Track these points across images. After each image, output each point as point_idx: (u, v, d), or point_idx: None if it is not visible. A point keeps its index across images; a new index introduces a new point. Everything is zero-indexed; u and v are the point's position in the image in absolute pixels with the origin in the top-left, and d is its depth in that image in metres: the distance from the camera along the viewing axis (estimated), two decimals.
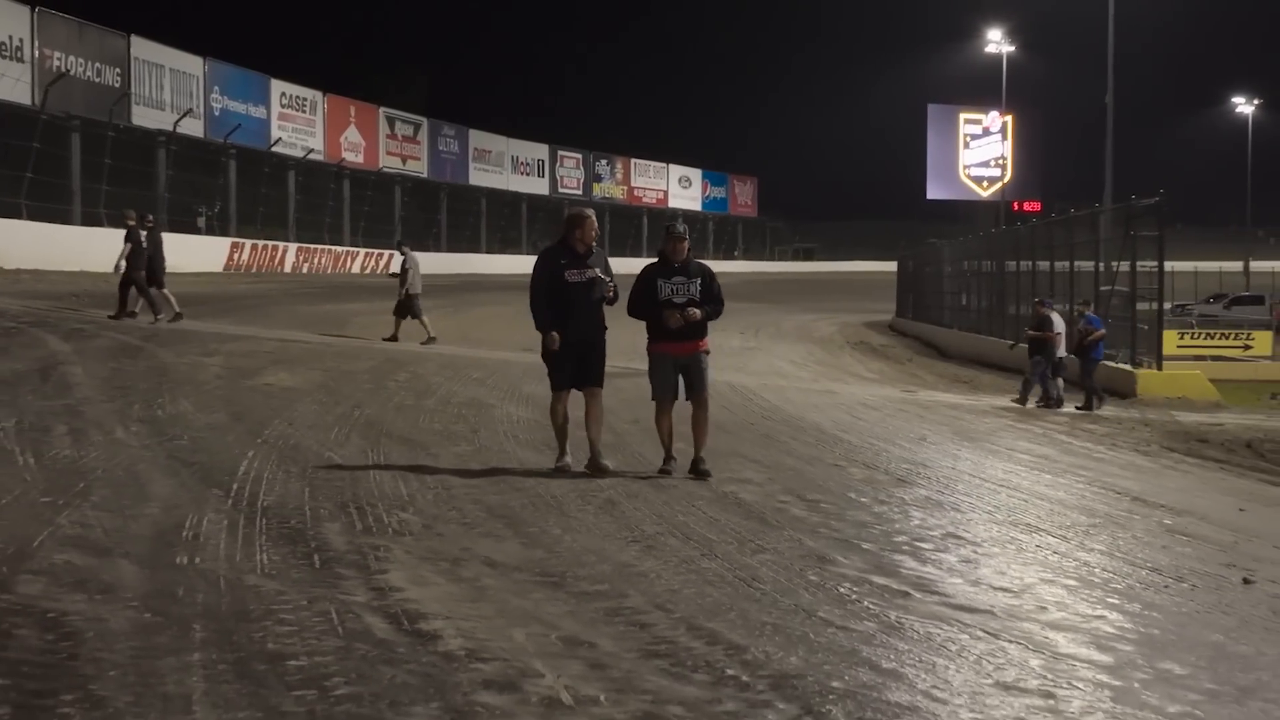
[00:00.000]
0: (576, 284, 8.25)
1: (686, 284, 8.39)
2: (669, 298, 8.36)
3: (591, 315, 8.34)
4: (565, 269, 8.27)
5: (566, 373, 8.38)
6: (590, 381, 8.39)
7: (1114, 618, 5.55)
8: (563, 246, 8.42)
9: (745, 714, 3.80)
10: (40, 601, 4.35)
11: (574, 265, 8.29)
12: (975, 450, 12.32)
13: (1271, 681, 4.74)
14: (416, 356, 17.11)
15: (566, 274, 8.25)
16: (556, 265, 8.31)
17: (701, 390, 8.52)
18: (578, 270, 8.27)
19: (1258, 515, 9.69)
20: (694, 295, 8.39)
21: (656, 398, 8.55)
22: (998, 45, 66.17)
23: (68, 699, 3.44)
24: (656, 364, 8.55)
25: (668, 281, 8.40)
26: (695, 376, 8.48)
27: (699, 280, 8.44)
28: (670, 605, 5.08)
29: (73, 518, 5.71)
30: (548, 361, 8.46)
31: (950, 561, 6.50)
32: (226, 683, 3.67)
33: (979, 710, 4.05)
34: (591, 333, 8.36)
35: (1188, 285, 60.12)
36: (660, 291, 8.38)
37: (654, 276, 8.45)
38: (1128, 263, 22.92)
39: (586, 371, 8.37)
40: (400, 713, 3.53)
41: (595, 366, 8.40)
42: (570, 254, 8.35)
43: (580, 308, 8.26)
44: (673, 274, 8.42)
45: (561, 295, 8.24)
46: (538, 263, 8.48)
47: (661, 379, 8.51)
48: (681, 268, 8.44)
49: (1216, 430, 16.55)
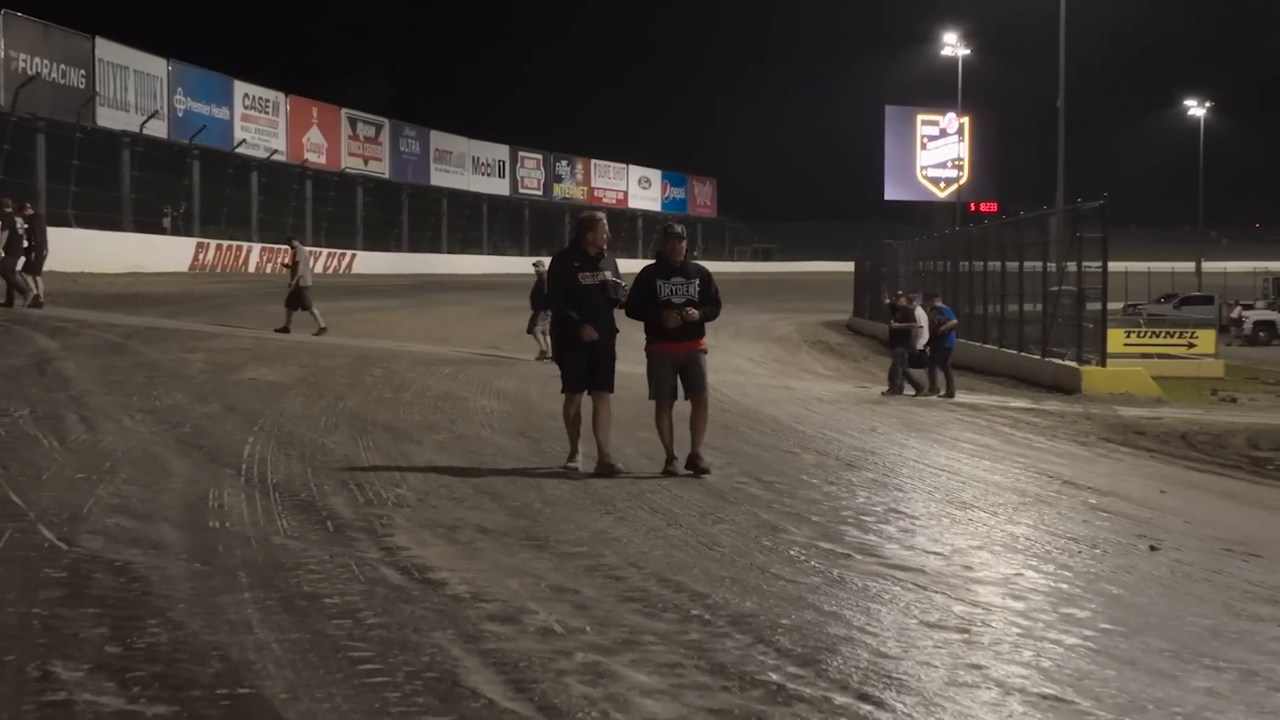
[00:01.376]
0: (589, 286, 8.32)
1: (685, 285, 8.50)
2: (668, 298, 8.45)
3: (603, 318, 8.39)
4: (578, 271, 8.34)
5: (579, 374, 8.41)
6: (599, 386, 8.42)
7: (1030, 575, 6.33)
8: (575, 250, 8.50)
9: (707, 642, 4.53)
10: (104, 554, 5.05)
11: (586, 268, 8.36)
12: (921, 439, 13.12)
13: (1159, 624, 5.51)
14: (388, 354, 17.74)
15: (579, 276, 8.32)
16: (570, 268, 8.40)
17: (701, 389, 8.62)
18: (590, 273, 8.33)
19: (1177, 496, 10.53)
20: (692, 296, 8.50)
21: (655, 398, 8.63)
22: (953, 49, 67.32)
23: (152, 623, 4.15)
24: (655, 364, 8.63)
25: (666, 282, 8.48)
26: (694, 376, 8.59)
27: (697, 281, 8.55)
28: (641, 563, 5.81)
29: (109, 490, 6.39)
30: (560, 362, 8.61)
31: (890, 531, 7.26)
32: (276, 614, 4.39)
33: (904, 641, 4.80)
34: (603, 335, 8.40)
35: (1141, 285, 61.46)
36: (659, 292, 8.46)
37: (653, 277, 8.54)
38: (1089, 262, 23.53)
39: (596, 375, 8.40)
40: (423, 637, 4.25)
41: (605, 370, 8.44)
42: (582, 257, 8.42)
43: (592, 310, 8.30)
44: (671, 275, 8.51)
45: (573, 298, 8.32)
46: (553, 266, 8.60)
47: (660, 379, 8.60)
48: (680, 269, 8.54)
49: (1154, 423, 17.44)
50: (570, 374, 8.44)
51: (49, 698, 3.44)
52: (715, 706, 3.80)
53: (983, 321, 27.76)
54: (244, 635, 4.08)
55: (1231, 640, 5.29)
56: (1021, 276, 25.97)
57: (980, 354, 26.35)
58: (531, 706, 3.66)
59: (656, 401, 8.62)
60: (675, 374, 8.58)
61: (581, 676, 3.98)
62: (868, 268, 46.21)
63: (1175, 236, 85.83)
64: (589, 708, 3.69)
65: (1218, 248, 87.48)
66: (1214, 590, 6.39)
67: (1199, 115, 75.60)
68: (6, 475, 6.56)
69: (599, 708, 3.69)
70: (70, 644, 3.88)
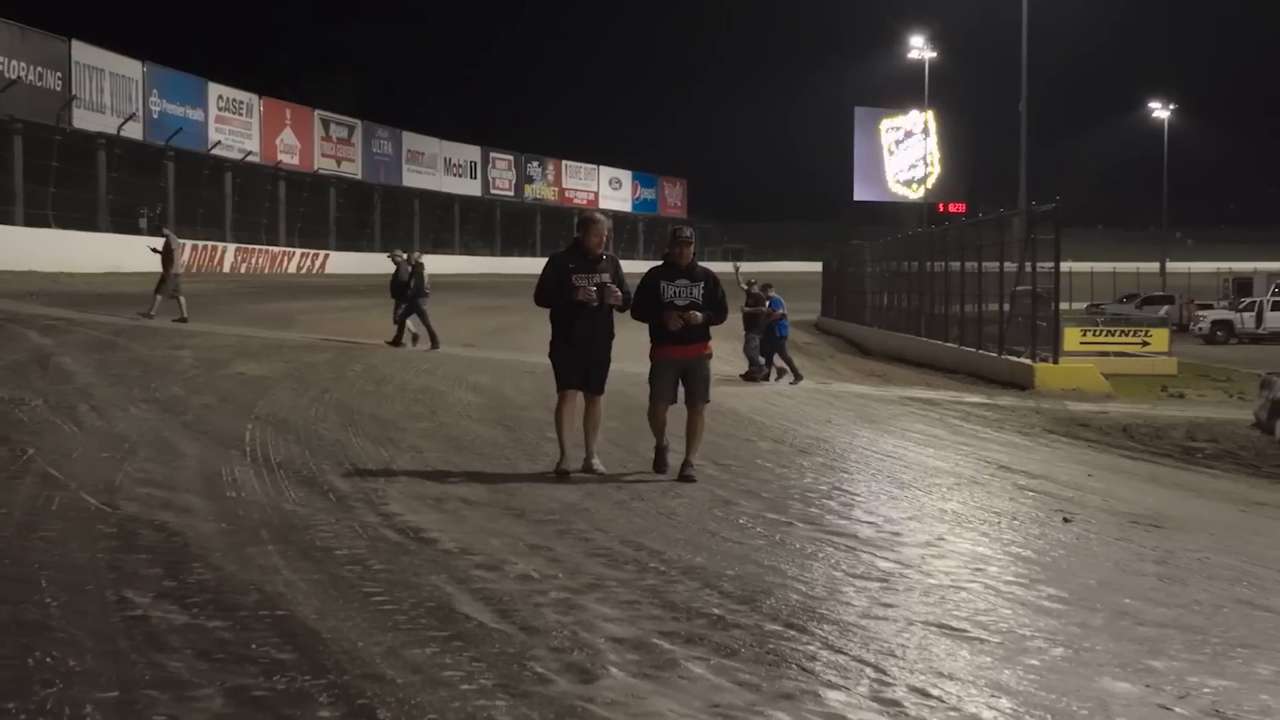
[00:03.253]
0: (580, 288, 8.25)
1: (690, 287, 8.44)
2: (671, 300, 8.39)
3: (599, 320, 8.33)
4: (574, 273, 8.28)
5: (574, 374, 8.37)
6: (591, 388, 8.41)
7: (951, 540, 7.17)
8: (573, 251, 8.43)
9: (661, 587, 5.34)
10: (143, 515, 5.84)
11: (582, 270, 8.29)
12: (873, 430, 13.98)
13: (1055, 578, 6.34)
14: (367, 350, 18.47)
15: (575, 278, 8.26)
16: (564, 269, 8.31)
17: (701, 396, 8.56)
18: (585, 275, 8.26)
19: (1103, 479, 11.41)
20: (696, 299, 8.42)
21: (654, 399, 8.56)
22: (920, 51, 68.33)
23: (196, 566, 4.96)
24: (657, 367, 8.58)
25: (671, 284, 8.43)
26: (696, 381, 8.53)
27: (702, 284, 8.48)
28: (607, 529, 6.62)
29: (134, 467, 7.17)
30: (555, 361, 8.51)
31: (831, 506, 8.08)
32: (297, 561, 5.19)
33: (830, 587, 5.63)
34: (599, 338, 8.36)
35: (1107, 285, 62.86)
36: (663, 294, 8.41)
37: (657, 279, 8.49)
38: (1043, 263, 24.26)
39: (589, 377, 8.38)
40: (421, 579, 5.06)
41: (599, 373, 8.41)
42: (579, 258, 8.35)
43: (588, 312, 8.26)
44: (676, 277, 8.45)
45: (564, 298, 8.27)
46: (546, 267, 8.45)
47: (661, 382, 8.53)
48: (685, 271, 8.48)
49: (1100, 417, 18.35)
50: (565, 373, 8.39)
51: (129, 614, 4.25)
52: (665, 630, 4.62)
53: (944, 320, 28.56)
54: (274, 575, 4.89)
55: (1114, 589, 6.14)
56: (980, 277, 26.66)
57: (941, 352, 27.20)
58: (514, 626, 4.47)
59: (654, 403, 8.57)
60: (676, 379, 8.52)
61: (555, 608, 4.80)
62: (835, 268, 47.10)
63: (1142, 237, 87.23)
64: (561, 629, 4.50)
65: (1183, 248, 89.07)
66: (1111, 553, 7.25)
67: (1163, 117, 76.83)
68: (41, 454, 7.34)
69: (569, 629, 4.51)
70: (134, 579, 4.69)
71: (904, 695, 4.07)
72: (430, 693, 3.64)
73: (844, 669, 4.31)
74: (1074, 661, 4.69)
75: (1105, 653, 4.84)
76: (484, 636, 4.30)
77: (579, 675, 3.97)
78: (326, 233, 55.07)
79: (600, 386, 8.46)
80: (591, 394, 8.43)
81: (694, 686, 3.96)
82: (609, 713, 3.62)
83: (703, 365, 8.57)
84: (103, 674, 3.58)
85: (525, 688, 3.79)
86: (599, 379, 8.44)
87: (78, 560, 4.93)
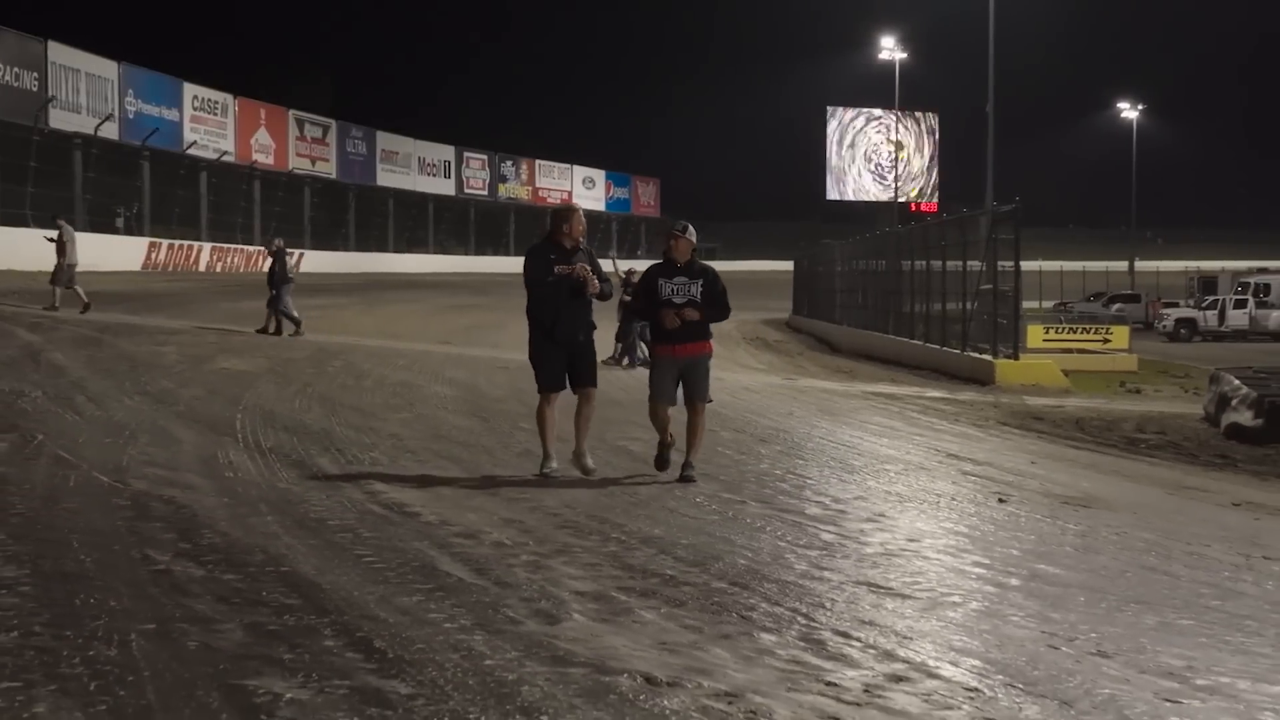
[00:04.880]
0: (562, 278, 8.07)
1: (688, 285, 8.32)
2: (669, 298, 8.28)
3: (581, 313, 8.19)
4: (555, 264, 8.10)
5: (555, 374, 8.18)
6: (584, 382, 8.24)
7: (892, 516, 7.82)
8: (550, 242, 8.23)
9: (621, 553, 5.96)
10: (152, 491, 6.45)
11: (562, 261, 8.11)
12: (833, 422, 14.63)
13: (982, 549, 6.97)
14: (345, 347, 19.01)
15: (557, 269, 8.08)
16: (545, 261, 8.14)
17: (701, 395, 8.46)
18: (566, 266, 8.09)
19: (1045, 466, 12.06)
20: (694, 296, 8.31)
21: (654, 399, 8.47)
22: (890, 52, 69.16)
23: (205, 532, 5.57)
24: (657, 365, 8.55)
25: (669, 281, 8.33)
26: (696, 380, 8.40)
27: (701, 281, 8.36)
28: (575, 505, 7.23)
29: (136, 450, 7.76)
30: (535, 362, 8.28)
31: (784, 488, 8.71)
32: (294, 529, 5.81)
33: (775, 554, 6.25)
34: (581, 331, 8.22)
35: (1077, 284, 63.81)
36: (661, 291, 8.31)
37: (656, 276, 8.41)
38: (1004, 262, 24.88)
39: (579, 372, 8.23)
40: (406, 544, 5.67)
41: (587, 366, 8.30)
42: (558, 250, 8.17)
43: (568, 307, 8.10)
44: (674, 274, 8.34)
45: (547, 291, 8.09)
46: (528, 260, 8.23)
47: (661, 381, 8.42)
48: (684, 268, 8.35)
49: (1055, 410, 19.01)
50: (546, 374, 8.19)
51: (153, 568, 4.86)
52: (623, 586, 5.23)
53: (910, 318, 29.19)
54: (275, 540, 5.50)
55: (1034, 558, 6.79)
56: (944, 275, 27.23)
57: (908, 349, 27.79)
58: (489, 582, 5.09)
59: (653, 401, 8.48)
60: (676, 377, 8.39)
61: (526, 568, 5.42)
62: (806, 267, 47.70)
63: (1113, 236, 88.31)
64: (530, 584, 5.12)
65: (1154, 248, 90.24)
66: (1037, 528, 7.90)
67: (1132, 117, 77.97)
68: (49, 439, 7.91)
69: (537, 584, 5.12)
70: (153, 542, 5.31)
71: (828, 637, 4.69)
72: (418, 629, 4.25)
73: (778, 617, 4.93)
74: (984, 613, 5.33)
75: (1013, 607, 5.48)
76: (463, 589, 4.92)
77: (546, 619, 4.58)
78: (301, 232, 55.45)
79: (592, 378, 8.31)
80: (584, 387, 8.25)
81: (645, 629, 4.58)
82: (571, 646, 4.23)
83: (703, 364, 8.45)
84: (139, 612, 4.20)
85: (499, 627, 4.40)
86: (588, 371, 8.28)
87: (100, 527, 5.54)
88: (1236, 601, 6.01)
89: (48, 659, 3.65)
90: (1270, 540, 8.24)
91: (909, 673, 4.28)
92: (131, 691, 3.39)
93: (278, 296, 20.14)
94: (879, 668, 4.32)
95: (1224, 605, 5.88)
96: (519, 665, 3.94)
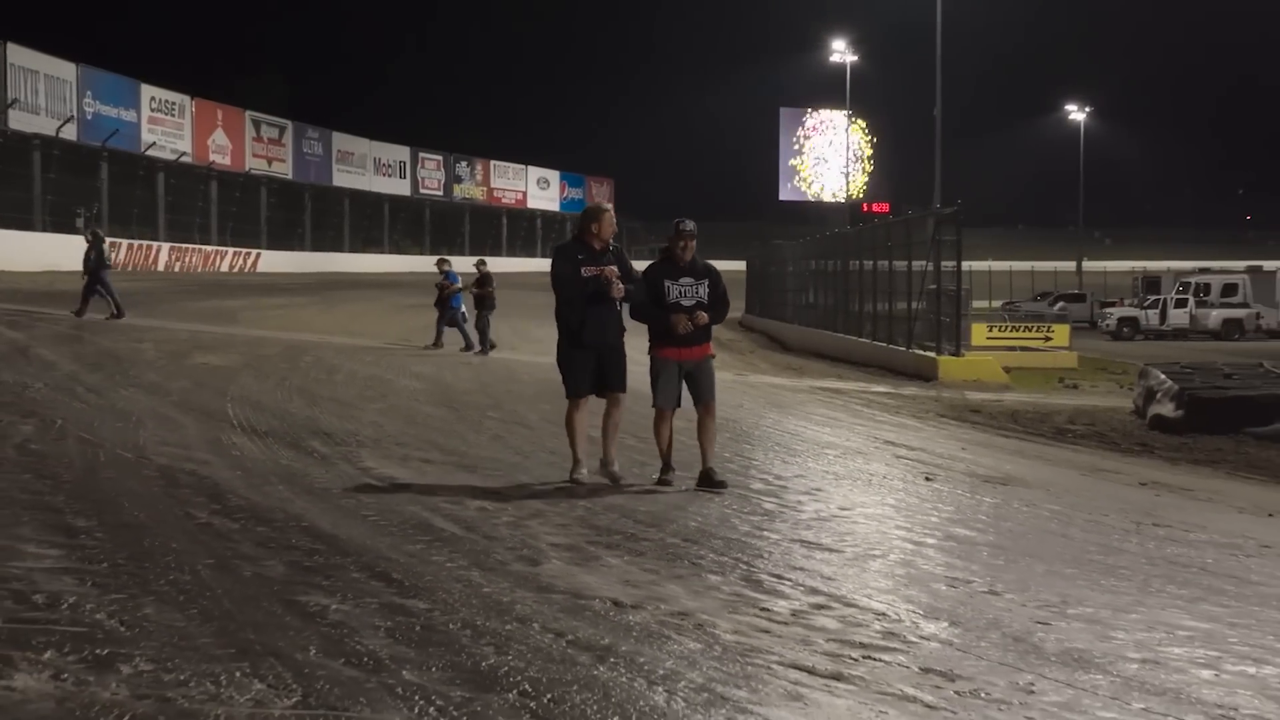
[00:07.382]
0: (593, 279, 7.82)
1: (695, 286, 8.07)
2: (676, 300, 8.01)
3: (609, 315, 7.95)
4: (583, 265, 7.86)
5: (583, 379, 7.96)
6: (613, 386, 8.00)
7: (829, 488, 8.77)
8: (579, 243, 7.99)
9: (589, 516, 6.85)
10: (175, 465, 7.27)
11: (591, 262, 7.86)
12: (780, 413, 15.57)
13: (906, 516, 7.91)
14: (313, 344, 19.73)
15: (585, 270, 7.83)
16: (574, 262, 7.90)
17: (709, 397, 8.24)
18: (596, 268, 7.83)
19: (973, 452, 13.06)
20: (702, 298, 8.07)
21: (658, 405, 8.20)
22: (842, 55, 70.28)
23: (231, 497, 6.42)
24: (661, 370, 8.19)
25: (675, 283, 8.04)
26: (703, 383, 8.20)
27: (707, 281, 8.12)
28: (547, 480, 8.11)
29: (147, 433, 8.56)
30: (562, 367, 8.05)
31: (732, 468, 9.56)
32: (303, 495, 6.66)
33: (722, 519, 7.15)
34: (611, 334, 7.98)
35: (1026, 284, 65.21)
36: (667, 294, 8.01)
37: (659, 277, 8.09)
38: (948, 262, 25.78)
39: (608, 376, 7.97)
40: (402, 508, 6.54)
41: (617, 370, 8.01)
42: (587, 250, 7.93)
43: (597, 311, 7.86)
44: (680, 275, 8.05)
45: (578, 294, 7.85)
46: (556, 260, 7.99)
47: (666, 386, 8.17)
48: (689, 268, 8.07)
49: (994, 404, 20.03)
50: (575, 379, 7.97)
51: (197, 522, 5.72)
52: (591, 540, 6.13)
53: (859, 317, 30.14)
54: (290, 503, 6.36)
55: (951, 523, 7.75)
56: (891, 275, 27.99)
57: (856, 347, 28.70)
58: (478, 536, 5.98)
59: (658, 409, 8.23)
60: (681, 380, 8.19)
61: (507, 527, 6.31)
62: (758, 267, 48.58)
63: (1061, 236, 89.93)
64: (513, 538, 6.01)
65: (1101, 248, 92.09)
66: (957, 500, 8.87)
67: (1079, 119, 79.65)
68: (69, 423, 8.70)
69: (519, 538, 6.01)
70: (190, 503, 6.16)
71: (764, 578, 5.60)
72: (425, 567, 5.15)
73: (723, 564, 5.83)
74: (899, 563, 6.26)
75: (925, 559, 6.42)
76: (457, 540, 5.81)
77: (528, 562, 5.48)
78: (258, 232, 55.94)
79: (622, 383, 8.03)
80: (613, 392, 8.02)
81: (611, 571, 5.47)
82: (552, 580, 5.13)
83: (708, 365, 8.28)
84: (197, 551, 5.07)
85: (491, 566, 5.30)
86: (619, 376, 8.02)
87: (141, 492, 6.37)
88: (1117, 556, 6.99)
89: (140, 580, 4.50)
90: (1164, 513, 9.24)
91: (830, 603, 5.20)
92: (212, 601, 4.26)
93: (99, 282, 21.04)
94: (806, 600, 5.23)
95: (1105, 560, 6.86)
96: (511, 592, 4.84)
